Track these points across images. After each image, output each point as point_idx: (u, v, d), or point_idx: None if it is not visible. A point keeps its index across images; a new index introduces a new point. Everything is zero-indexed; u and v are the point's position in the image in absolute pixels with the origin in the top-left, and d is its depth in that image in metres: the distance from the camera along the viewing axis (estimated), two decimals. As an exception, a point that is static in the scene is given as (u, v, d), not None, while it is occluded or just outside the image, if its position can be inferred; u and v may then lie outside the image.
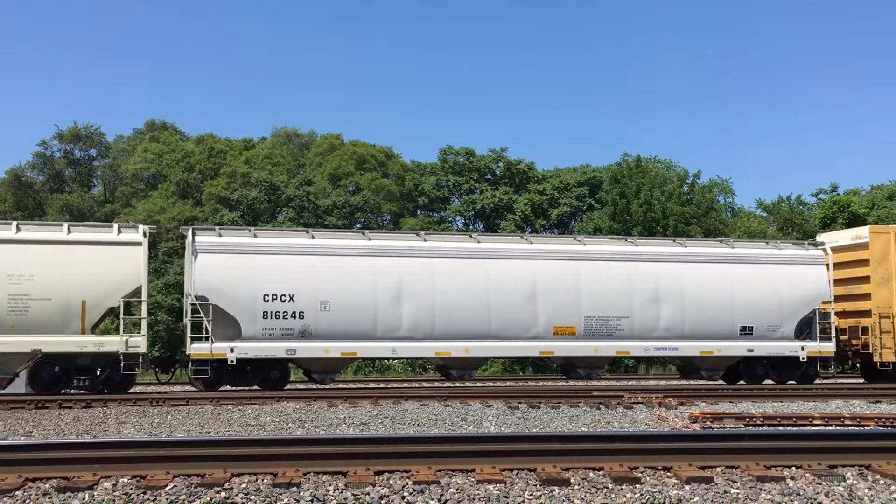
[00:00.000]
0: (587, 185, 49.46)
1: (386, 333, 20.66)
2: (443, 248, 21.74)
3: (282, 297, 20.14)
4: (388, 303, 20.67)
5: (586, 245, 22.64)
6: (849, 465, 8.20)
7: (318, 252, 20.74)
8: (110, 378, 19.50)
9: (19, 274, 18.95)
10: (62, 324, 19.07)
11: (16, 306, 18.85)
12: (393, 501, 6.94)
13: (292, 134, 53.98)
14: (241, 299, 20.01)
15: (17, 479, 7.39)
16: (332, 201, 44.90)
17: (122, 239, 19.86)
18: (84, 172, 52.40)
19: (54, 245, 19.44)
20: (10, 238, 19.29)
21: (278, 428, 13.07)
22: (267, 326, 20.05)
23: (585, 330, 21.63)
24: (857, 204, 48.22)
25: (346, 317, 20.42)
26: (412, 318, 20.80)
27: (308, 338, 20.25)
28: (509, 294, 21.27)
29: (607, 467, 7.91)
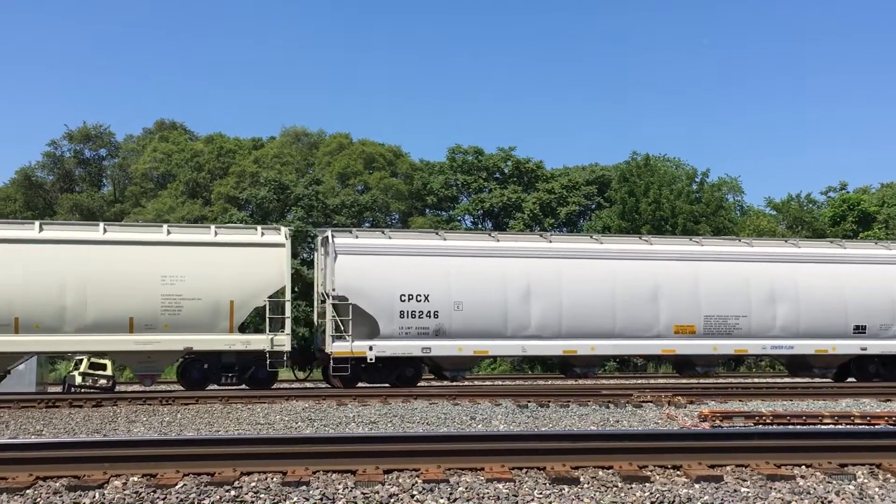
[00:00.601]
0: (596, 183, 49.37)
1: (516, 332, 21.32)
2: (568, 249, 22.42)
3: (417, 296, 20.86)
4: (518, 302, 21.33)
5: (704, 246, 23.34)
6: (859, 464, 8.17)
7: (451, 253, 21.51)
8: (255, 375, 20.45)
9: (172, 275, 19.76)
10: (211, 323, 19.93)
11: (169, 306, 19.69)
12: (402, 500, 6.94)
13: (301, 133, 54.02)
14: (378, 299, 20.75)
15: (28, 478, 7.41)
16: (341, 200, 44.92)
17: (266, 241, 20.78)
18: (94, 172, 52.55)
19: (203, 247, 20.31)
20: (163, 240, 20.20)
21: (288, 427, 13.08)
22: (403, 325, 20.77)
23: (705, 329, 22.26)
24: (867, 202, 48.05)
25: (479, 316, 21.10)
26: (540, 317, 21.42)
27: (442, 336, 20.91)
28: (633, 294, 21.94)
29: (617, 466, 7.89)
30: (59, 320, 19.28)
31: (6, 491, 7.08)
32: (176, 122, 55.57)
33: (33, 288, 19.15)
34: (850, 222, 46.73)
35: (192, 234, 20.85)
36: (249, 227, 22.66)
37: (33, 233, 19.73)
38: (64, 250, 19.54)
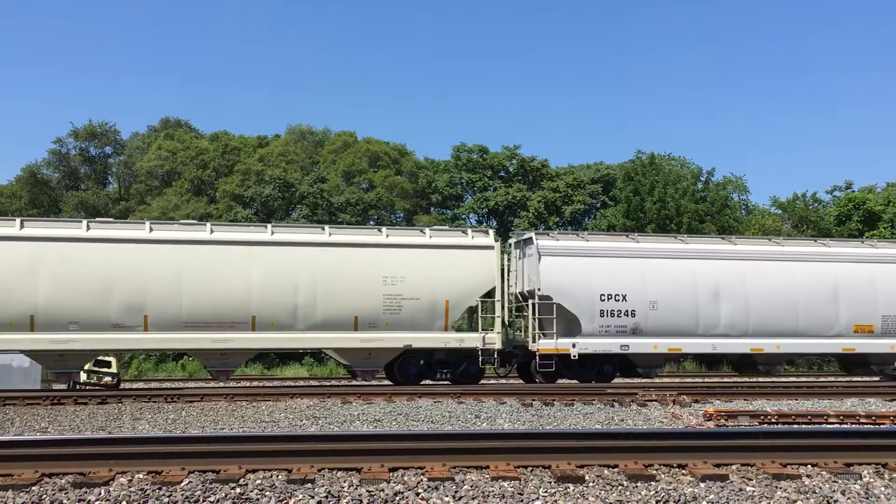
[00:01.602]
0: (600, 182, 49.28)
1: (706, 330, 22.41)
2: (752, 251, 23.32)
3: (615, 296, 21.91)
4: (708, 302, 22.41)
5: (879, 248, 24.45)
6: (865, 464, 8.16)
7: (645, 255, 22.51)
8: (467, 371, 21.53)
9: (393, 276, 20.95)
10: (429, 321, 21.09)
11: (390, 305, 20.86)
12: (407, 498, 6.94)
13: (306, 131, 53.99)
14: (581, 299, 21.78)
15: (34, 475, 7.43)
16: (346, 198, 44.90)
17: (477, 243, 21.96)
18: (99, 170, 52.54)
19: (420, 249, 21.48)
20: (383, 242, 21.41)
21: (292, 425, 13.09)
22: (603, 324, 21.82)
23: (882, 328, 23.27)
24: (873, 201, 47.89)
25: (672, 315, 22.14)
26: (729, 316, 22.49)
27: (639, 335, 21.96)
28: (814, 294, 22.97)
29: (622, 464, 7.89)
30: (292, 318, 20.43)
31: (12, 487, 7.09)
32: (181, 119, 55.59)
33: (269, 288, 20.28)
34: (856, 221, 46.59)
35: (409, 237, 22.05)
36: (456, 230, 23.91)
37: (266, 235, 20.92)
38: (295, 252, 20.75)
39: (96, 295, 19.38)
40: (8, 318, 18.92)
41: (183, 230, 20.95)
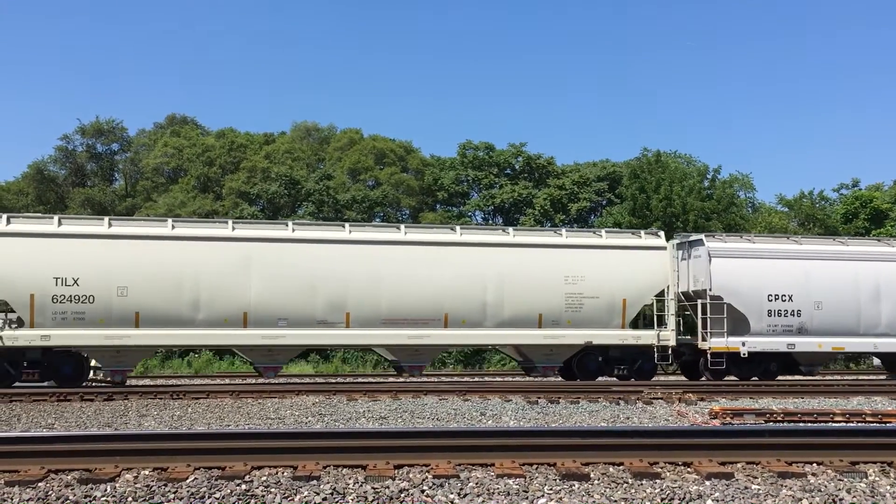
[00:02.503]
0: (606, 179, 49.23)
1: (867, 330, 23.32)
2: None
3: (782, 297, 22.85)
4: (869, 302, 23.28)
5: None
6: (870, 462, 8.14)
7: (810, 256, 23.41)
8: (641, 367, 22.45)
9: (574, 275, 21.95)
10: (607, 319, 22.15)
11: (572, 303, 21.89)
12: (412, 495, 6.95)
13: (312, 128, 54.00)
14: (749, 298, 22.71)
15: (40, 471, 7.45)
16: (352, 195, 44.92)
17: (650, 244, 23.01)
18: (106, 166, 52.61)
19: (597, 249, 22.50)
20: (564, 243, 22.44)
21: (298, 421, 13.11)
22: (771, 323, 22.75)
23: None
24: (880, 199, 47.78)
25: (835, 315, 23.03)
26: (889, 316, 23.35)
27: (804, 334, 22.84)
28: None
29: (627, 462, 7.88)
30: (481, 316, 21.53)
31: (18, 484, 7.11)
32: (187, 116, 55.66)
33: (460, 286, 21.38)
34: (863, 219, 46.49)
35: (587, 238, 23.09)
36: (626, 232, 24.87)
37: (455, 236, 22.10)
38: (482, 252, 21.85)
39: (303, 293, 20.57)
40: (223, 315, 20.10)
41: (379, 231, 22.32)
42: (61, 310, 19.33)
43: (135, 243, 19.98)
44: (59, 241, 19.63)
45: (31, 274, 19.27)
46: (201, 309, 20.10)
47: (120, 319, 19.62)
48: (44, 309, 19.24)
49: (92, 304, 19.47)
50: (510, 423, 12.84)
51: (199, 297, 20.08)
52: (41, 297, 19.23)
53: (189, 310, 20.03)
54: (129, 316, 19.70)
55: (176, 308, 19.94)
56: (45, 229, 19.83)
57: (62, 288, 19.35)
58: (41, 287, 19.26)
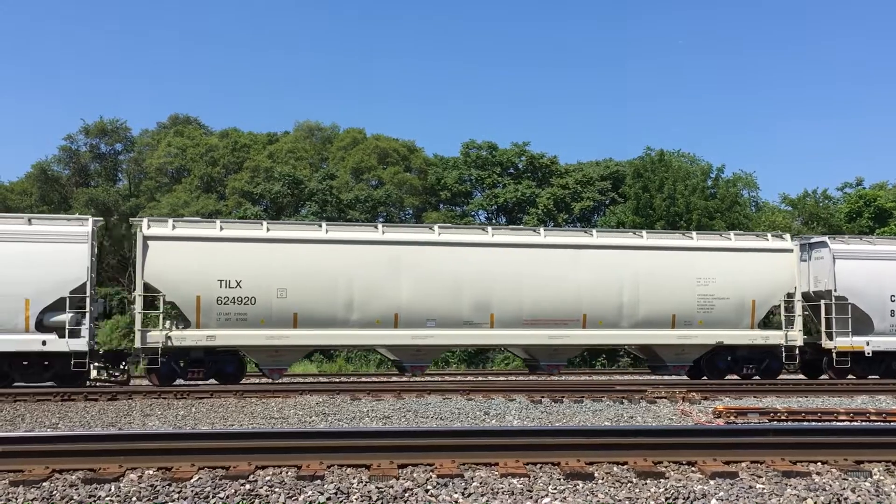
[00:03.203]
0: (610, 179, 49.16)
1: None
2: None
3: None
4: None
5: None
6: (875, 461, 8.12)
7: None
8: (769, 367, 23.04)
9: (705, 277, 22.65)
10: (737, 320, 22.80)
11: (703, 304, 22.55)
12: (417, 494, 6.94)
13: (315, 128, 53.97)
14: (872, 299, 23.40)
15: (45, 471, 7.45)
16: (355, 195, 44.90)
17: (777, 246, 23.66)
18: (109, 166, 52.63)
19: (727, 252, 23.21)
20: (695, 246, 23.17)
21: (302, 421, 13.11)
22: (893, 323, 23.45)
23: None
24: (884, 198, 47.72)
25: None
26: None
27: None
28: None
29: (631, 462, 7.87)
30: (617, 316, 22.20)
31: (23, 483, 7.12)
32: (190, 116, 55.65)
33: (597, 288, 22.02)
34: (867, 218, 46.44)
35: (717, 241, 23.82)
36: (752, 234, 25.76)
37: (592, 239, 22.73)
38: (618, 254, 22.47)
39: (450, 294, 21.31)
40: (376, 316, 20.88)
41: (519, 235, 22.89)
42: (225, 311, 20.11)
43: (292, 247, 20.83)
44: (222, 244, 20.46)
45: (197, 277, 20.05)
46: (355, 310, 20.85)
47: (279, 320, 20.39)
48: (209, 310, 20.03)
49: (253, 306, 20.25)
50: (514, 423, 12.83)
51: (352, 299, 20.85)
52: (207, 299, 20.01)
53: (344, 311, 20.79)
54: (288, 317, 20.47)
55: (331, 309, 20.71)
56: (208, 233, 20.65)
57: (226, 290, 20.14)
58: (207, 289, 20.05)
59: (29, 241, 19.38)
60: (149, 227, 20.26)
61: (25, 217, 20.52)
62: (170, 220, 21.02)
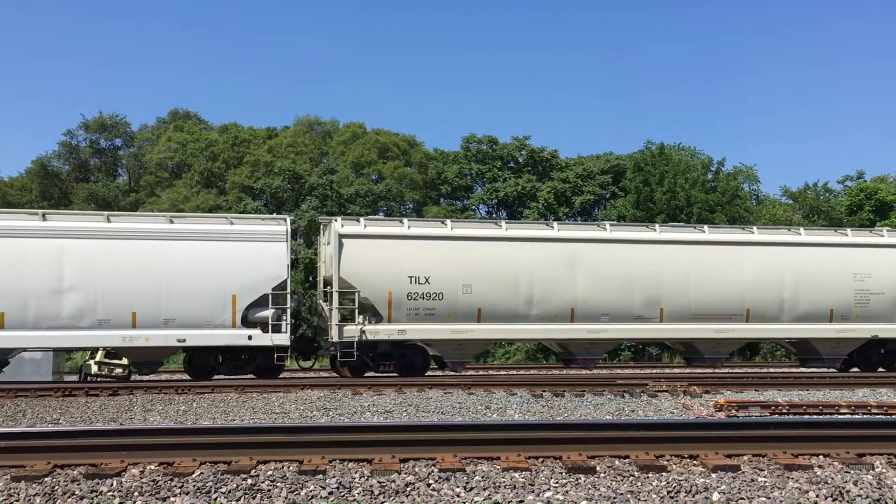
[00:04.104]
0: (610, 172, 49.19)
1: None
2: None
3: None
4: None
5: None
6: (877, 454, 8.11)
7: None
8: None
9: (861, 272, 23.33)
10: (891, 314, 23.55)
11: (860, 299, 23.27)
12: (418, 489, 6.93)
13: (315, 122, 54.00)
14: None
15: (46, 466, 7.44)
16: (356, 190, 44.91)
17: None
18: (109, 162, 52.67)
19: (883, 248, 23.85)
20: (851, 242, 23.80)
21: (303, 416, 13.11)
22: None
23: None
24: (885, 191, 47.73)
25: None
26: None
27: None
28: None
29: (633, 455, 7.86)
30: (778, 311, 22.91)
31: (25, 479, 7.11)
32: (190, 111, 55.68)
33: (759, 283, 22.73)
34: (867, 211, 46.46)
35: (873, 237, 24.40)
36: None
37: (754, 236, 23.38)
38: (779, 252, 23.15)
39: (622, 290, 22.03)
40: (554, 311, 21.59)
41: (686, 232, 23.71)
42: (414, 306, 20.93)
43: (475, 244, 21.66)
44: (411, 242, 21.33)
45: (389, 273, 20.90)
46: (535, 305, 21.55)
47: (464, 315, 21.18)
48: (400, 305, 20.85)
49: (441, 301, 21.05)
50: (515, 417, 12.83)
51: (532, 294, 21.54)
52: (398, 294, 20.84)
53: (524, 306, 21.51)
54: (473, 312, 21.23)
55: (513, 304, 21.44)
56: (397, 231, 21.57)
57: (416, 286, 20.97)
58: (398, 285, 20.88)
59: (232, 241, 20.31)
60: (342, 225, 21.20)
61: (226, 217, 21.62)
62: (361, 219, 22.17)
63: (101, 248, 19.53)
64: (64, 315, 19.19)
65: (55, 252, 19.29)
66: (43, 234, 19.45)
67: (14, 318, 18.98)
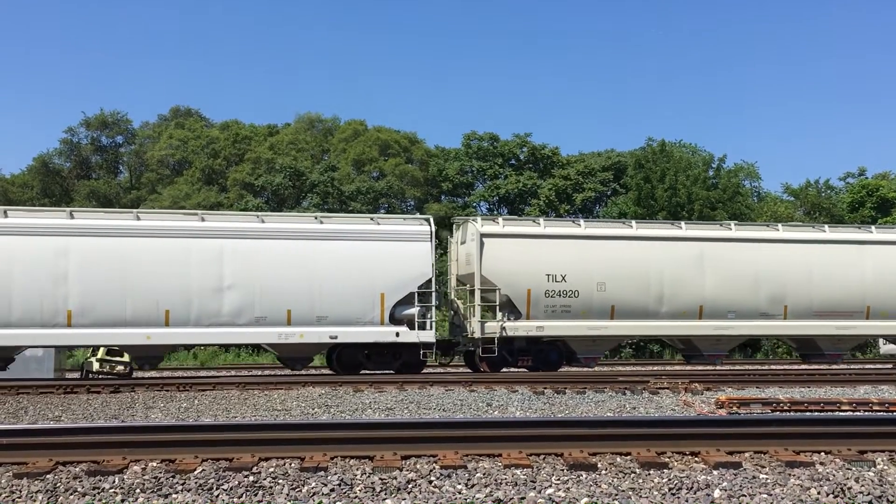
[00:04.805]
0: (611, 169, 49.16)
1: None
2: None
3: None
4: None
5: None
6: (878, 451, 8.11)
7: None
8: None
9: None
10: None
11: None
12: (420, 486, 6.94)
13: (316, 120, 53.97)
14: None
15: (48, 463, 7.45)
16: (357, 187, 44.90)
17: None
18: (110, 159, 52.65)
19: None
20: None
21: (305, 413, 13.12)
22: None
23: None
24: (886, 188, 47.67)
25: None
26: None
27: None
28: None
29: (634, 452, 7.86)
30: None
31: (27, 476, 7.12)
32: (191, 108, 55.65)
33: (881, 282, 23.41)
34: (869, 208, 46.42)
35: None
36: None
37: (873, 235, 24.13)
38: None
39: (748, 288, 22.74)
40: (683, 308, 22.45)
41: (809, 231, 24.36)
42: (551, 303, 21.73)
43: (608, 243, 22.44)
44: (547, 241, 22.08)
45: (528, 271, 21.70)
46: (665, 302, 22.43)
47: (599, 312, 22.02)
48: (538, 302, 21.67)
49: (576, 299, 21.87)
50: (517, 414, 12.83)
51: (663, 292, 22.40)
52: (536, 292, 21.65)
53: (655, 303, 22.39)
54: (606, 309, 22.08)
55: (644, 301, 22.31)
56: (534, 231, 22.35)
57: (553, 284, 21.76)
58: (536, 283, 21.68)
59: (379, 240, 21.07)
60: (482, 225, 22.02)
61: (370, 217, 22.67)
62: (499, 218, 23.08)
63: (257, 248, 20.39)
64: (224, 312, 20.02)
65: (216, 252, 20.12)
66: (204, 234, 20.27)
67: (178, 315, 19.76)
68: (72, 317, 19.28)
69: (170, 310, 19.65)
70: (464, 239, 22.56)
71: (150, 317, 19.59)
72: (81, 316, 19.33)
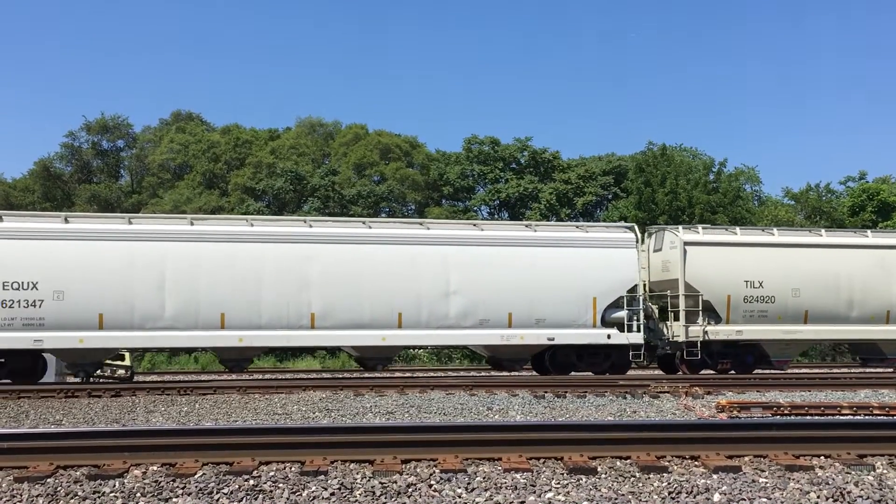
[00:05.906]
0: (612, 174, 49.16)
1: None
2: None
3: None
4: None
5: None
6: (878, 455, 8.11)
7: None
8: None
9: None
10: None
11: None
12: (420, 490, 6.95)
13: (317, 124, 54.01)
14: None
15: (49, 467, 7.46)
16: (358, 191, 44.92)
17: None
18: (111, 163, 52.67)
19: None
20: None
21: (305, 417, 13.12)
22: None
23: None
24: (887, 192, 47.66)
25: None
26: None
27: None
28: None
29: (634, 456, 7.87)
30: None
31: (27, 480, 7.13)
32: (192, 112, 55.68)
33: None
34: (870, 212, 46.41)
35: None
36: None
37: None
38: None
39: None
40: (871, 313, 23.42)
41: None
42: (749, 308, 22.73)
43: (800, 250, 23.33)
44: (744, 249, 23.11)
45: (727, 278, 22.66)
46: (854, 307, 23.39)
47: (793, 317, 22.95)
48: (737, 307, 22.66)
49: (773, 304, 22.82)
50: (517, 418, 12.84)
51: (853, 297, 23.36)
52: (735, 297, 22.64)
53: (845, 308, 23.30)
54: (800, 313, 23.04)
55: (835, 306, 23.24)
56: (731, 238, 23.33)
57: (751, 290, 22.76)
58: (735, 289, 22.66)
59: (591, 247, 22.12)
60: (684, 234, 22.96)
61: (576, 225, 23.85)
62: (699, 226, 23.77)
63: (477, 254, 21.47)
64: (451, 315, 21.03)
65: (441, 258, 21.21)
66: (429, 241, 21.45)
67: (410, 317, 20.80)
68: (315, 319, 20.28)
69: (402, 312, 20.71)
70: (659, 246, 23.59)
71: (386, 319, 20.65)
72: (323, 319, 20.31)
